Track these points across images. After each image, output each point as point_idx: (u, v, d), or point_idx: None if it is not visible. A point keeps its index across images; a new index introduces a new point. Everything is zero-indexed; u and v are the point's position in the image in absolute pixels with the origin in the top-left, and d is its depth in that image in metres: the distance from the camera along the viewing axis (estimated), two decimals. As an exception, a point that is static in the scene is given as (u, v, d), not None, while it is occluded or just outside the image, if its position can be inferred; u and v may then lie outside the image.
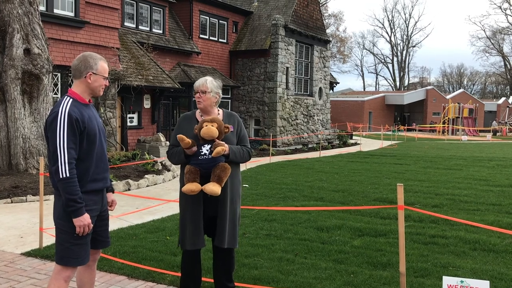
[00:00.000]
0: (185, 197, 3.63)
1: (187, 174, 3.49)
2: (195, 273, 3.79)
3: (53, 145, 2.95)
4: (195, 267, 3.78)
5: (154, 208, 7.92)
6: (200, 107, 3.70)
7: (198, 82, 3.70)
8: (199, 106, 3.68)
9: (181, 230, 3.72)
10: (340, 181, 11.05)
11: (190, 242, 3.64)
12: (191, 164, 3.53)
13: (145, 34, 18.41)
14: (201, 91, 3.65)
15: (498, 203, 8.37)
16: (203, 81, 3.69)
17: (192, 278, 3.77)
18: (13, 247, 5.60)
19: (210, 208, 3.65)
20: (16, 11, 10.32)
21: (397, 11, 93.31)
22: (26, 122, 10.49)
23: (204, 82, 3.67)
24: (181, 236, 3.71)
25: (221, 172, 3.48)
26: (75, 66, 3.14)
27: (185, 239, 3.66)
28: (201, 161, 3.50)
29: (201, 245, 3.66)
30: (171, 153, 3.72)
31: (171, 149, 3.73)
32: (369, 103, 47.39)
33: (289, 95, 23.07)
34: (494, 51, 71.91)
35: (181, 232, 3.71)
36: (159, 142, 16.59)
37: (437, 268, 4.82)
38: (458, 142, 30.20)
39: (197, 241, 3.63)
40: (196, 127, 3.58)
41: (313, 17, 24.87)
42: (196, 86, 3.68)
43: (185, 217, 3.66)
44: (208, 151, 3.51)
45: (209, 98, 3.65)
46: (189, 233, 3.63)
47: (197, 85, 3.68)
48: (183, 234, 3.68)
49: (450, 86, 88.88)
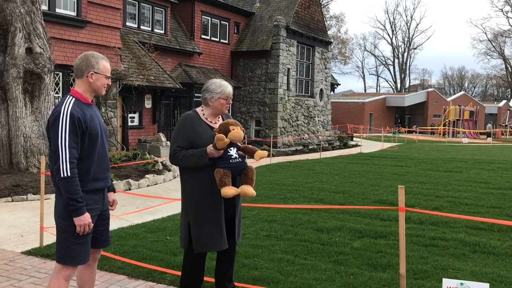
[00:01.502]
0: (203, 198, 3.53)
1: (223, 177, 3.41)
2: (200, 275, 3.72)
3: (54, 144, 2.96)
4: (201, 269, 3.71)
5: (155, 208, 7.93)
6: (225, 113, 3.71)
7: (228, 89, 3.64)
8: (225, 112, 3.69)
9: (197, 232, 3.54)
10: (341, 182, 11.06)
11: (213, 243, 3.53)
12: (223, 167, 3.46)
13: (146, 34, 18.43)
14: (230, 97, 3.65)
15: (498, 206, 8.37)
16: (231, 88, 3.68)
17: (196, 280, 3.71)
18: (14, 245, 5.61)
19: (227, 210, 3.63)
20: (18, 10, 10.33)
21: (399, 13, 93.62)
22: (27, 121, 10.50)
23: (232, 89, 3.67)
24: (197, 238, 3.54)
25: (253, 175, 3.55)
26: (77, 65, 3.15)
27: (205, 241, 3.53)
28: (233, 164, 3.47)
29: (225, 245, 3.57)
30: (183, 156, 3.48)
31: (179, 151, 3.50)
32: (370, 104, 47.40)
33: (290, 96, 23.08)
34: (495, 53, 71.95)
35: (197, 234, 3.54)
36: (160, 142, 16.60)
37: (437, 270, 4.82)
38: (458, 145, 30.20)
39: (222, 242, 3.55)
40: (216, 130, 3.50)
41: (315, 18, 24.88)
42: (228, 93, 3.62)
43: (204, 219, 3.53)
44: (237, 155, 3.49)
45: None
46: (210, 234, 3.52)
47: (229, 92, 3.62)
48: (201, 236, 3.53)
49: (451, 88, 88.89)
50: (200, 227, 3.54)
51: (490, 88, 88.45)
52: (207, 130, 3.58)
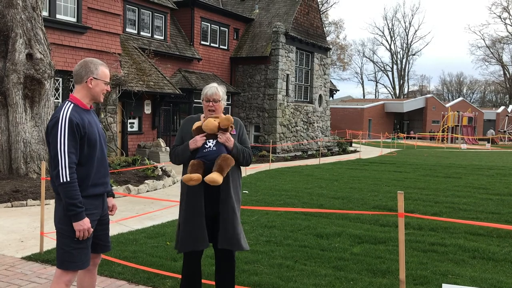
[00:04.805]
0: (185, 197, 3.50)
1: (190, 167, 3.43)
2: (196, 278, 3.65)
3: (54, 150, 2.98)
4: (195, 271, 3.63)
5: (154, 214, 7.93)
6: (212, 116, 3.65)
7: (209, 90, 3.52)
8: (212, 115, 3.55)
9: (180, 231, 3.50)
10: (340, 188, 11.07)
11: (191, 242, 3.43)
12: (196, 158, 3.47)
13: (146, 40, 18.49)
14: (213, 99, 3.51)
15: (497, 212, 8.39)
16: (215, 89, 3.53)
17: (192, 283, 3.64)
18: (14, 251, 5.61)
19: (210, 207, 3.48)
20: (19, 16, 10.37)
21: (397, 20, 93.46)
22: (27, 126, 10.51)
23: (216, 91, 3.52)
24: (179, 238, 3.49)
25: (222, 162, 3.39)
26: (76, 71, 3.18)
27: (184, 239, 3.45)
28: (205, 153, 3.47)
29: (204, 245, 3.43)
30: (174, 152, 3.62)
31: (175, 148, 3.64)
32: (368, 110, 47.47)
33: (289, 102, 23.13)
34: (494, 60, 72.17)
35: (180, 233, 3.49)
36: (159, 147, 16.61)
37: (436, 276, 4.83)
38: (457, 150, 30.23)
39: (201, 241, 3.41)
40: (196, 123, 3.53)
41: (314, 24, 24.98)
42: (209, 95, 3.50)
43: (185, 216, 3.46)
44: (212, 145, 3.48)
45: (221, 106, 3.57)
46: (188, 232, 3.44)
47: (210, 94, 3.50)
48: (182, 235, 3.47)
49: (450, 94, 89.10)
50: (182, 225, 3.50)
51: (488, 94, 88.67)
52: None
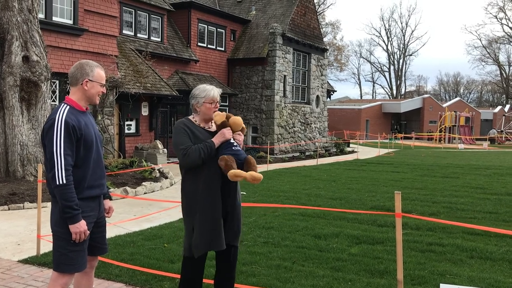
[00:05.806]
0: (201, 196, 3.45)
1: (228, 161, 3.37)
2: (200, 281, 3.59)
3: (50, 152, 2.97)
4: (200, 274, 3.58)
5: (152, 216, 7.92)
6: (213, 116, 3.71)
7: (214, 92, 3.60)
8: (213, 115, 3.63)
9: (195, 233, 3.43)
10: (338, 189, 11.07)
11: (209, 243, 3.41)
12: (226, 154, 3.44)
13: (143, 42, 18.48)
14: (218, 101, 3.63)
15: (495, 211, 8.40)
16: (217, 91, 3.64)
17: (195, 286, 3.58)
18: (10, 254, 5.59)
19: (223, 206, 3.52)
20: (15, 18, 10.35)
21: (394, 20, 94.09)
22: (24, 129, 10.48)
23: (218, 92, 3.64)
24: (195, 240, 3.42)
25: (255, 163, 3.54)
26: (72, 73, 3.17)
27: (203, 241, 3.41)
28: (236, 151, 3.49)
29: (223, 245, 3.45)
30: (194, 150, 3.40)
31: (189, 147, 3.43)
32: (366, 111, 47.54)
33: (287, 103, 23.14)
34: (490, 60, 72.40)
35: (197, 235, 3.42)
36: (156, 149, 16.58)
37: (434, 275, 4.83)
38: (454, 150, 30.29)
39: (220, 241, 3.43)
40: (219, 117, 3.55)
41: (311, 25, 25.01)
42: (215, 97, 3.59)
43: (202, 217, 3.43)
44: (237, 144, 3.55)
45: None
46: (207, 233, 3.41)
47: (216, 96, 3.59)
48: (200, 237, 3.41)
49: (447, 94, 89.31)
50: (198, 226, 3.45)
51: (485, 94, 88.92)
52: (203, 133, 3.57)
